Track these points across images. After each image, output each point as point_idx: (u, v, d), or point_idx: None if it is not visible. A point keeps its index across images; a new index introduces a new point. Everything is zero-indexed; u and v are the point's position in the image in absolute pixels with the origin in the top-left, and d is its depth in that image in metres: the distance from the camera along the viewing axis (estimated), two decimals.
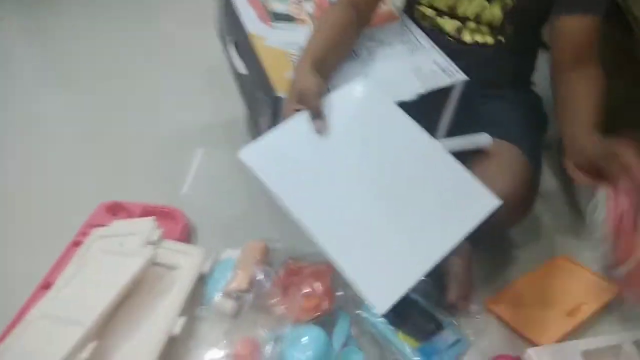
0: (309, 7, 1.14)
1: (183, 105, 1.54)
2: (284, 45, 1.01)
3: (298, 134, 0.80)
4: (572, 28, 0.95)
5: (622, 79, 1.22)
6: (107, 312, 0.84)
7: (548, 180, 1.19)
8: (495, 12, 0.98)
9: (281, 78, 0.93)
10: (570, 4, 0.95)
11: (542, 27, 1.05)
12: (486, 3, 0.98)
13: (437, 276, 0.93)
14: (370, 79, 0.91)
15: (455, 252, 0.90)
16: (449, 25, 1.03)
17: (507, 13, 0.98)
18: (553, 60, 0.97)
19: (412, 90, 0.91)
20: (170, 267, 0.96)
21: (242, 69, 1.11)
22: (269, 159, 0.78)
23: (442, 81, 0.93)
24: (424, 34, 1.03)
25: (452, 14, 1.02)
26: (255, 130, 1.08)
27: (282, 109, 0.85)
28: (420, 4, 1.06)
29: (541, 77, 1.17)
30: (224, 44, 1.20)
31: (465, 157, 0.94)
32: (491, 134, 0.95)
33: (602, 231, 0.77)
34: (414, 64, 0.96)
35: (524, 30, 1.01)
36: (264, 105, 0.98)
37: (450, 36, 1.04)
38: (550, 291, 0.95)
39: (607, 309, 0.93)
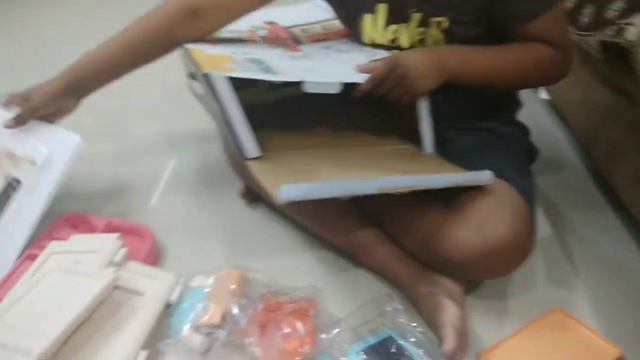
0: (262, 32, 1.12)
1: (152, 115, 1.44)
2: (226, 52, 0.97)
3: None
4: (538, 31, 0.93)
5: (622, 125, 1.19)
6: (59, 341, 0.74)
7: (540, 228, 1.14)
8: (435, 34, 0.96)
9: (211, 61, 0.90)
10: (525, 9, 0.92)
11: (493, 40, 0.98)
12: (422, 29, 0.96)
13: (433, 327, 0.87)
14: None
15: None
16: None
17: (446, 32, 0.95)
18: None
19: None
20: (134, 293, 0.86)
21: (199, 89, 1.05)
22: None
23: None
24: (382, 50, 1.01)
25: (396, 48, 0.99)
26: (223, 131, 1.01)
27: None
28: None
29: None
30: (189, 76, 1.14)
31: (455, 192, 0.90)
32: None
33: None
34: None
35: (469, 42, 0.96)
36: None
37: None
38: (546, 348, 0.89)
39: None
